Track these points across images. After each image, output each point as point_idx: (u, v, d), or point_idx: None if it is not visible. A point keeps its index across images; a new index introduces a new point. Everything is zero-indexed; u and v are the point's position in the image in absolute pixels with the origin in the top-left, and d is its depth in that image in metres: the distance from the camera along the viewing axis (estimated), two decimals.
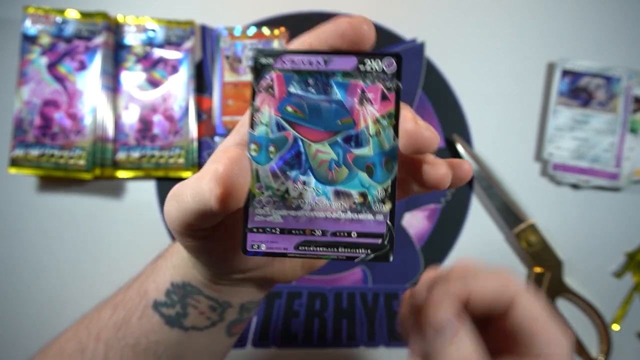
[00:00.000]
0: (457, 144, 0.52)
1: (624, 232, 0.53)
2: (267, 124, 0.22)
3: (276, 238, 0.22)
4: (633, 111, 0.52)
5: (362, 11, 0.54)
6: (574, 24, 0.55)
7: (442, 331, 0.24)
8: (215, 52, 0.52)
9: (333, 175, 0.22)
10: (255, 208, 0.22)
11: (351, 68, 0.21)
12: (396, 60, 0.21)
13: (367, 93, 0.21)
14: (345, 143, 0.22)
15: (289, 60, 0.21)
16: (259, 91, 0.22)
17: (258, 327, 0.50)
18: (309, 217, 0.22)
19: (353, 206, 0.22)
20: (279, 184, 0.22)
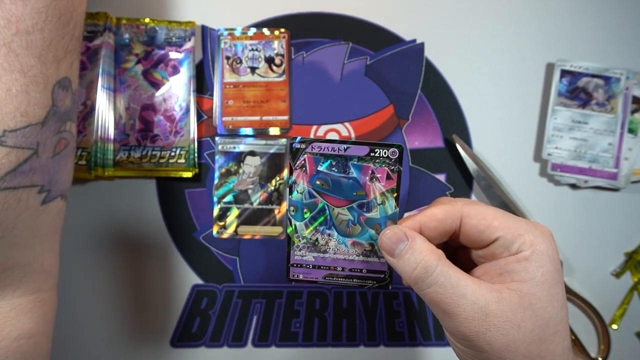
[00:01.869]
0: (456, 144, 0.52)
1: (623, 232, 0.53)
2: (302, 192, 0.30)
3: (309, 271, 0.32)
4: (632, 111, 0.53)
5: (363, 11, 0.55)
6: (573, 24, 0.55)
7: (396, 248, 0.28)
8: (215, 52, 0.53)
9: (350, 230, 0.30)
10: (295, 251, 0.31)
11: (364, 154, 0.29)
12: (398, 150, 0.29)
13: (376, 173, 0.29)
14: (359, 208, 0.30)
15: (317, 147, 0.29)
16: (295, 169, 0.30)
17: (258, 327, 0.50)
18: (333, 258, 0.31)
19: (364, 252, 0.31)
20: (311, 234, 0.31)
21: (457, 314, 0.26)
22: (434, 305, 0.27)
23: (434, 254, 0.27)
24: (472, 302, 0.25)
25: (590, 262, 0.52)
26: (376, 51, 0.54)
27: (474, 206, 0.28)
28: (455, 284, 0.26)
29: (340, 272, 0.31)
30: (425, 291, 0.27)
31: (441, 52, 0.54)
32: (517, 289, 0.26)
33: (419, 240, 0.28)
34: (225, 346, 0.50)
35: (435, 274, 0.26)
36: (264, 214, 0.51)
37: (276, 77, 0.52)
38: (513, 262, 0.27)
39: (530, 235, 0.27)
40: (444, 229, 0.28)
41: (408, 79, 0.54)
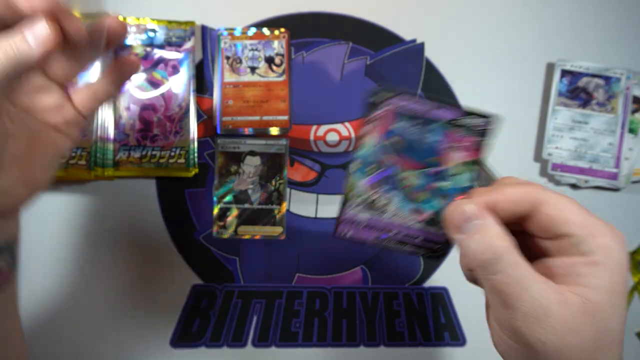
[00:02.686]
0: None
1: (623, 232, 0.53)
2: (372, 147, 0.27)
3: (360, 231, 0.29)
4: (632, 111, 0.53)
5: (363, 11, 0.55)
6: (573, 24, 0.55)
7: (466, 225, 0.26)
8: (215, 52, 0.53)
9: (414, 196, 0.28)
10: (349, 207, 0.28)
11: (451, 119, 0.26)
12: (490, 121, 0.26)
13: (463, 141, 0.26)
14: (431, 175, 0.27)
15: (405, 99, 0.26)
16: (371, 120, 0.27)
17: (258, 327, 0.50)
18: (389, 221, 0.28)
19: (425, 220, 0.28)
20: (371, 194, 0.28)
21: (517, 307, 0.24)
22: (495, 294, 0.25)
23: (505, 240, 0.25)
24: (534, 298, 0.24)
25: None
26: (376, 51, 0.54)
27: (554, 194, 0.26)
28: (522, 276, 0.24)
29: (393, 235, 0.29)
30: (490, 277, 0.25)
31: (441, 52, 0.54)
32: (582, 294, 0.24)
33: (493, 222, 0.26)
34: (225, 346, 0.50)
35: (504, 262, 0.25)
36: (264, 214, 0.51)
37: (276, 77, 0.52)
38: (581, 264, 0.25)
39: (607, 238, 0.25)
40: (517, 211, 0.26)
41: (408, 79, 0.54)
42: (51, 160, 0.31)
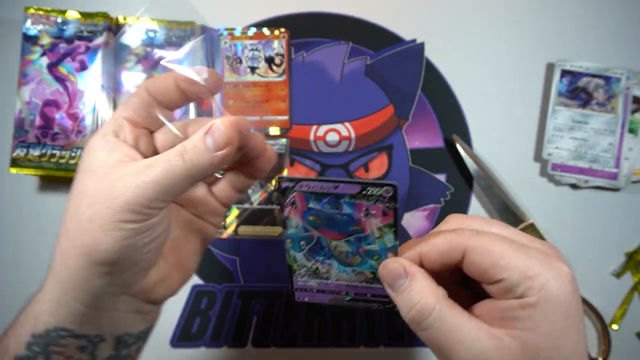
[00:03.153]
0: (456, 144, 0.52)
1: (623, 232, 0.53)
2: (296, 227, 0.29)
3: (314, 295, 0.31)
4: (632, 111, 0.53)
5: (363, 11, 0.55)
6: (573, 24, 0.55)
7: (395, 283, 0.27)
8: (215, 52, 0.53)
9: (350, 260, 0.29)
10: (297, 277, 0.31)
11: (356, 192, 0.27)
12: (393, 189, 0.27)
13: (371, 210, 0.27)
14: (357, 241, 0.29)
15: (306, 185, 0.27)
16: (285, 205, 0.28)
17: (258, 327, 0.50)
18: (336, 284, 0.30)
19: (367, 279, 0.30)
20: (311, 264, 0.30)
21: (452, 359, 0.24)
22: (430, 347, 0.26)
23: (432, 295, 0.25)
24: (468, 348, 0.24)
25: (590, 262, 0.52)
26: (376, 51, 0.54)
27: (481, 239, 0.25)
28: (452, 328, 0.24)
29: (344, 295, 0.31)
30: (420, 333, 0.26)
31: (441, 52, 0.54)
32: (519, 337, 0.24)
33: (418, 279, 0.26)
34: (225, 346, 0.50)
35: (432, 318, 0.25)
36: (264, 214, 0.51)
37: (276, 77, 0.52)
38: (516, 307, 0.24)
39: (542, 278, 0.24)
40: (445, 261, 0.26)
41: (408, 79, 0.54)
42: (199, 247, 0.33)
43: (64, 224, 0.27)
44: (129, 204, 0.25)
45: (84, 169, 0.28)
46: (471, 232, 0.26)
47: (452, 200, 0.53)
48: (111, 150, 0.27)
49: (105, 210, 0.25)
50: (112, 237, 0.25)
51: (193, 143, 0.26)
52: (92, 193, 0.26)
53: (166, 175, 0.25)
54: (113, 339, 0.29)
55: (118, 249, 0.25)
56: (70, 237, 0.26)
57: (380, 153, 0.53)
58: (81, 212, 0.26)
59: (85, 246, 0.25)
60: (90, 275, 0.26)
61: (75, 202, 0.27)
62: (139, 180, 0.25)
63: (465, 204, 0.53)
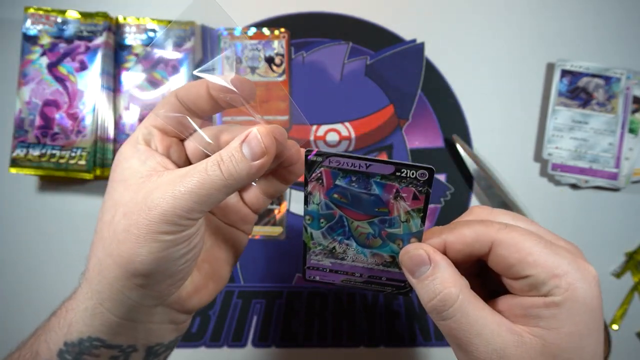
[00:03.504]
0: (456, 144, 0.52)
1: (623, 232, 0.53)
2: (318, 204, 0.27)
3: (326, 274, 0.30)
4: (632, 111, 0.53)
5: (362, 11, 0.55)
6: (573, 24, 0.55)
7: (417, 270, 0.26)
8: (215, 52, 0.53)
9: (370, 242, 0.28)
10: (311, 255, 0.29)
11: (389, 173, 0.26)
12: (429, 172, 0.26)
13: (402, 193, 0.26)
14: (381, 223, 0.27)
15: (335, 161, 0.26)
16: (310, 180, 0.27)
17: (258, 327, 0.50)
18: (351, 265, 0.29)
19: (385, 262, 0.29)
20: (328, 243, 0.29)
21: (470, 352, 0.24)
22: (448, 338, 0.25)
23: (455, 285, 0.25)
24: (487, 342, 0.24)
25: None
26: (376, 51, 0.54)
27: (510, 233, 0.25)
28: (472, 321, 0.24)
29: (358, 278, 0.30)
30: (440, 323, 0.25)
31: (441, 52, 0.54)
32: (541, 336, 0.23)
33: (442, 267, 0.25)
34: (225, 346, 0.50)
35: (453, 308, 0.24)
36: (264, 214, 0.51)
37: (276, 77, 0.52)
38: (541, 306, 0.23)
39: (569, 277, 0.23)
40: (471, 252, 0.26)
41: (408, 79, 0.54)
42: (232, 256, 0.33)
43: (99, 233, 0.27)
44: (165, 215, 0.24)
45: (117, 178, 0.27)
46: (500, 225, 0.25)
47: (452, 200, 0.53)
48: (144, 159, 0.27)
49: (142, 221, 0.24)
50: (148, 248, 0.25)
51: (229, 152, 0.26)
52: (127, 203, 0.25)
53: (203, 186, 0.25)
54: (145, 349, 0.29)
55: (154, 260, 0.25)
56: (106, 247, 0.26)
57: (380, 153, 0.53)
58: (116, 222, 0.25)
59: (121, 257, 0.25)
60: (126, 287, 0.26)
61: (110, 211, 0.26)
62: (175, 191, 0.24)
63: (465, 204, 0.53)
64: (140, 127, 0.29)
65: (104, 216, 0.27)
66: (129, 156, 0.28)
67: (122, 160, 0.28)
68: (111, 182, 0.28)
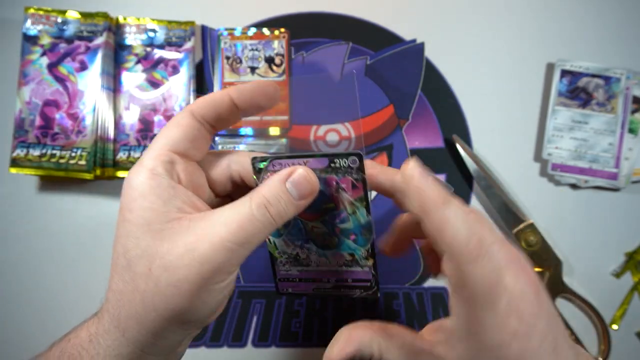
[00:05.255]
0: (456, 144, 0.52)
1: (623, 232, 0.53)
2: None
3: (298, 284, 0.31)
4: (632, 111, 0.53)
5: (363, 11, 0.55)
6: (573, 24, 0.55)
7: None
8: (215, 52, 0.53)
9: (327, 242, 0.29)
10: (279, 266, 0.31)
11: (324, 166, 0.26)
12: (358, 158, 0.26)
13: (341, 184, 0.27)
14: (332, 220, 0.28)
15: (278, 164, 0.27)
16: None
17: (258, 327, 0.50)
18: (317, 270, 0.30)
19: (346, 262, 0.29)
20: (291, 250, 0.30)
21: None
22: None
23: None
24: None
25: (590, 262, 0.52)
26: (376, 51, 0.54)
27: None
28: None
29: (327, 283, 0.30)
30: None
31: (441, 52, 0.54)
32: None
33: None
34: (225, 346, 0.50)
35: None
36: None
37: (276, 77, 0.52)
38: None
39: None
40: None
41: (408, 79, 0.54)
42: None
43: (130, 283, 0.25)
44: (220, 268, 0.24)
45: (134, 220, 0.25)
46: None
47: None
48: (167, 197, 0.25)
49: (193, 277, 0.23)
50: (202, 300, 0.24)
51: (276, 194, 0.25)
52: (164, 255, 0.24)
53: (254, 234, 0.24)
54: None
55: (208, 309, 0.25)
56: (147, 301, 0.24)
57: (380, 153, 0.53)
58: (157, 276, 0.24)
59: (172, 311, 0.24)
60: (172, 332, 0.25)
61: (141, 262, 0.24)
62: (226, 243, 0.23)
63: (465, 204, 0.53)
64: (156, 151, 0.26)
65: (136, 267, 0.25)
66: (147, 192, 0.25)
67: (137, 198, 0.25)
68: (126, 223, 0.25)
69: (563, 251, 0.52)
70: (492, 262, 0.22)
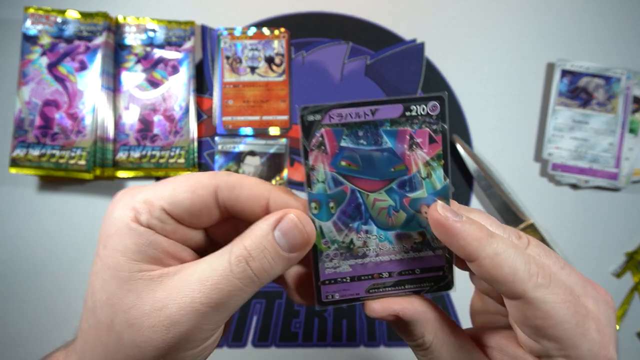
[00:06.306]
0: (456, 144, 0.52)
1: (623, 232, 0.53)
2: (323, 181, 0.22)
3: (347, 286, 0.24)
4: (632, 111, 0.53)
5: (362, 11, 0.55)
6: (573, 24, 0.55)
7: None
8: (215, 52, 0.53)
9: (393, 220, 0.23)
10: (325, 262, 0.23)
11: (398, 115, 0.22)
12: (440, 102, 0.22)
13: (416, 138, 0.22)
14: (400, 188, 0.23)
15: (337, 115, 0.22)
16: (311, 150, 0.22)
17: (258, 327, 0.50)
18: (376, 262, 0.23)
19: (414, 245, 0.23)
20: (344, 237, 0.23)
21: None
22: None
23: None
24: None
25: (590, 262, 0.52)
26: (376, 51, 0.54)
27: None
28: None
29: (387, 279, 0.24)
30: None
31: (441, 52, 0.54)
32: None
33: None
34: (225, 346, 0.50)
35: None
36: None
37: (276, 76, 0.52)
38: None
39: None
40: None
41: (408, 79, 0.54)
42: None
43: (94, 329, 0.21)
44: (188, 335, 0.20)
45: (107, 261, 0.21)
46: None
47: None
48: (143, 243, 0.21)
49: (157, 341, 0.20)
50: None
51: (260, 245, 0.20)
52: (129, 310, 0.20)
53: (230, 294, 0.20)
54: None
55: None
56: (110, 355, 0.21)
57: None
58: (119, 332, 0.20)
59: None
60: None
61: (104, 309, 0.21)
62: (196, 304, 0.20)
63: (465, 204, 0.53)
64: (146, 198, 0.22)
65: (97, 312, 0.21)
66: (123, 232, 0.21)
67: (113, 235, 0.21)
68: (97, 259, 0.21)
69: (563, 251, 0.52)
70: (565, 285, 0.20)
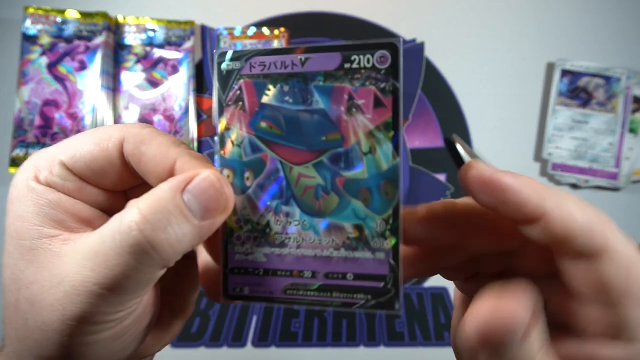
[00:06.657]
0: (456, 144, 0.52)
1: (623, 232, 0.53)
2: (239, 145, 0.18)
3: (260, 280, 0.18)
4: (632, 111, 0.53)
5: (362, 11, 0.55)
6: (573, 24, 0.55)
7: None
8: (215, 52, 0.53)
9: (321, 204, 0.18)
10: (235, 245, 0.18)
11: (335, 67, 0.17)
12: (391, 53, 0.16)
13: (357, 99, 0.17)
14: (333, 164, 0.17)
15: (259, 64, 0.17)
16: (227, 105, 0.18)
17: (258, 327, 0.50)
18: (297, 255, 0.18)
19: (347, 242, 0.18)
20: (259, 217, 0.18)
21: None
22: None
23: None
24: None
25: None
26: None
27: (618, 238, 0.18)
28: None
29: (310, 279, 0.18)
30: None
31: (441, 52, 0.54)
32: None
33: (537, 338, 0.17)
34: (225, 346, 0.50)
35: None
36: None
37: None
38: None
39: None
40: None
41: (408, 79, 0.54)
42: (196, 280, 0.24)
43: (6, 310, 0.18)
44: (88, 319, 0.17)
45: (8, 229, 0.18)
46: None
47: None
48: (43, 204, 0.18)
49: (57, 323, 0.17)
50: (83, 355, 0.17)
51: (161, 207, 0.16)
52: (30, 285, 0.17)
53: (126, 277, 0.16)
54: None
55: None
56: (21, 340, 0.18)
57: None
58: (24, 311, 0.17)
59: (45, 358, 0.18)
60: None
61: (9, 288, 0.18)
62: (89, 286, 0.16)
63: None
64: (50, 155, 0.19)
65: (6, 290, 0.18)
66: (23, 195, 0.18)
67: (14, 199, 0.18)
68: (5, 231, 0.18)
69: None
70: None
